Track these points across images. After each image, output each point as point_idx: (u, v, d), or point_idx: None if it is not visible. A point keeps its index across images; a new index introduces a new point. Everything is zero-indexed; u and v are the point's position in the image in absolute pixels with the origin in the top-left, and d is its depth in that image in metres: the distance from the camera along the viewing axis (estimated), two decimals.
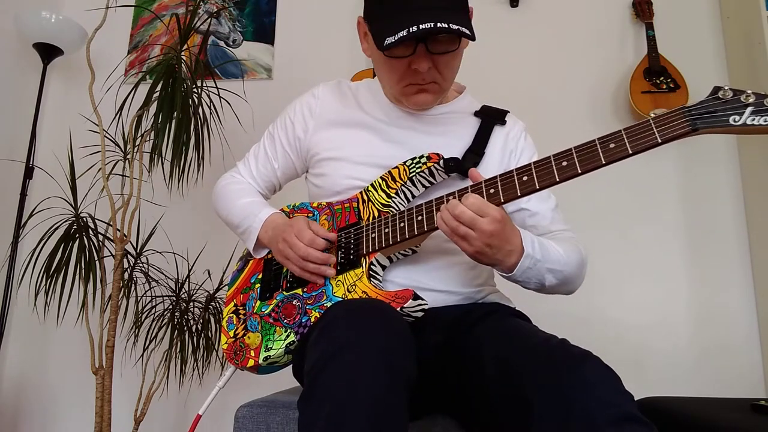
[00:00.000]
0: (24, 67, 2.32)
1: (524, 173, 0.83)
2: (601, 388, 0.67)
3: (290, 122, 1.13)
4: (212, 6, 2.44)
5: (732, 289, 1.88)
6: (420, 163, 0.97)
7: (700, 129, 0.75)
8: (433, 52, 0.93)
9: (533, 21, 2.20)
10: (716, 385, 1.81)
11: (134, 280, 1.86)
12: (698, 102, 0.76)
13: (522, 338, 0.81)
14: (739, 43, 1.96)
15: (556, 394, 0.67)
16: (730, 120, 0.73)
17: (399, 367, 0.69)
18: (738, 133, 0.75)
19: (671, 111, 0.77)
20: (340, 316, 0.74)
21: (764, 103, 0.72)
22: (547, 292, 0.96)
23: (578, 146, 0.81)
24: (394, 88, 1.01)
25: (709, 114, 0.75)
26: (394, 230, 0.92)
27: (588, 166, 0.79)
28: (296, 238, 0.95)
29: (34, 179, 2.10)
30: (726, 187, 1.95)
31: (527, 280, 0.89)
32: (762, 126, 0.72)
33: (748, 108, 0.73)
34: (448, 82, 1.01)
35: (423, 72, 0.94)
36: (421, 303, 0.85)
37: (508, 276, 0.89)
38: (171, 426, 2.09)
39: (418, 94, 1.00)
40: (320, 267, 0.95)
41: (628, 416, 0.64)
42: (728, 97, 0.74)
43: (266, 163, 1.16)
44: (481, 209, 0.81)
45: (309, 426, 0.66)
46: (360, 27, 1.04)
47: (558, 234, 1.01)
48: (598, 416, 0.64)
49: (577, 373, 0.68)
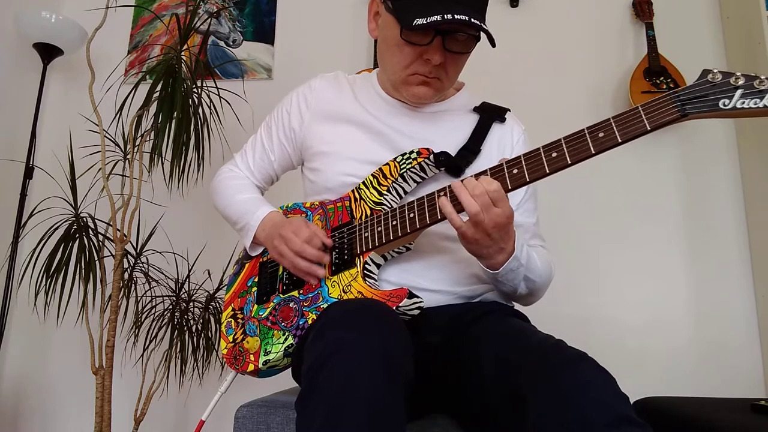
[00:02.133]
0: (24, 67, 2.32)
1: (514, 166, 0.84)
2: (596, 389, 0.66)
3: (286, 113, 1.13)
4: (212, 6, 2.44)
5: (732, 289, 1.88)
6: (410, 158, 0.96)
7: (689, 114, 0.73)
8: (448, 48, 0.93)
9: (533, 21, 2.20)
10: (716, 385, 1.81)
11: (134, 280, 1.86)
12: (687, 86, 0.74)
13: (519, 338, 0.81)
14: (739, 43, 1.96)
15: (552, 394, 0.67)
16: (719, 104, 0.71)
17: (396, 366, 0.69)
18: (728, 116, 0.73)
19: (660, 97, 0.75)
20: (336, 317, 0.74)
21: (754, 84, 0.70)
22: (512, 299, 1.00)
23: (567, 136, 0.80)
24: (398, 74, 1.00)
25: (698, 98, 0.73)
26: (386, 228, 0.92)
27: (578, 156, 0.79)
28: (293, 234, 0.95)
29: (34, 179, 2.10)
30: (726, 186, 1.95)
31: (505, 282, 0.91)
32: (752, 109, 0.70)
33: (738, 90, 0.71)
34: (450, 81, 1.01)
35: (433, 64, 0.94)
36: (417, 301, 0.85)
37: (492, 273, 0.90)
38: (171, 426, 2.09)
39: (420, 85, 0.99)
40: (312, 266, 0.94)
41: (624, 418, 0.64)
42: (717, 80, 0.72)
43: (263, 155, 1.16)
44: (500, 198, 0.81)
45: (306, 426, 0.66)
46: (372, 5, 1.03)
47: (535, 248, 1.02)
48: (593, 418, 0.64)
49: (573, 374, 0.68)
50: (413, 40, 0.93)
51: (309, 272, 0.95)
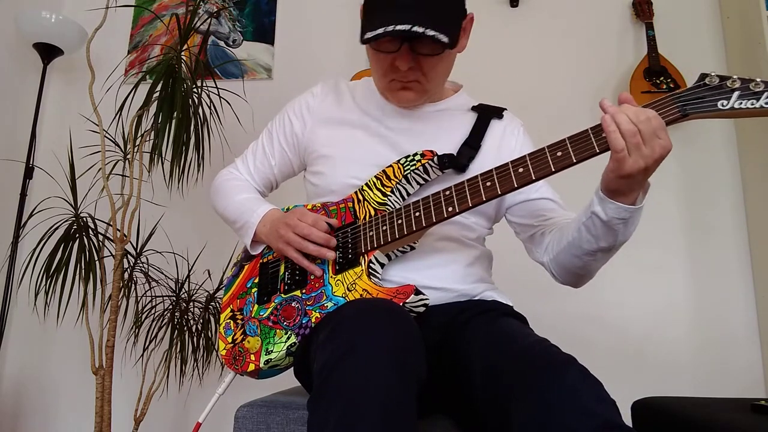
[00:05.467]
0: (24, 67, 2.32)
1: (519, 165, 0.84)
2: (582, 396, 0.66)
3: (288, 120, 1.13)
4: (212, 6, 2.44)
5: (732, 289, 1.88)
6: (414, 160, 0.97)
7: (690, 114, 0.76)
8: (418, 52, 0.93)
9: (533, 21, 2.20)
10: (716, 384, 1.81)
11: (134, 280, 1.86)
12: (686, 88, 0.78)
13: (509, 342, 0.81)
14: (739, 43, 1.96)
15: (536, 403, 0.67)
16: (718, 104, 0.75)
17: (409, 366, 0.69)
18: (727, 116, 0.77)
19: (662, 98, 0.78)
20: (349, 316, 0.74)
21: (750, 87, 0.74)
22: (603, 253, 0.90)
23: (571, 136, 0.81)
24: (379, 82, 1.02)
25: (697, 99, 0.76)
26: (392, 227, 0.92)
27: (583, 154, 0.80)
28: (298, 220, 0.96)
29: (34, 179, 2.10)
30: (726, 186, 1.95)
31: (632, 222, 0.83)
32: (749, 109, 0.74)
33: (735, 92, 0.75)
34: (432, 83, 1.01)
35: (403, 70, 0.94)
36: (423, 298, 0.86)
37: (633, 209, 0.81)
38: (171, 426, 2.09)
39: (401, 91, 1.00)
40: (321, 249, 0.94)
41: (610, 425, 0.64)
42: (715, 83, 0.76)
43: (264, 160, 1.17)
44: (662, 129, 0.76)
45: (320, 426, 0.65)
46: (361, 15, 1.05)
47: None
48: (578, 426, 0.63)
49: (558, 382, 0.68)
50: (381, 49, 0.94)
51: (319, 254, 0.94)
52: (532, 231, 1.05)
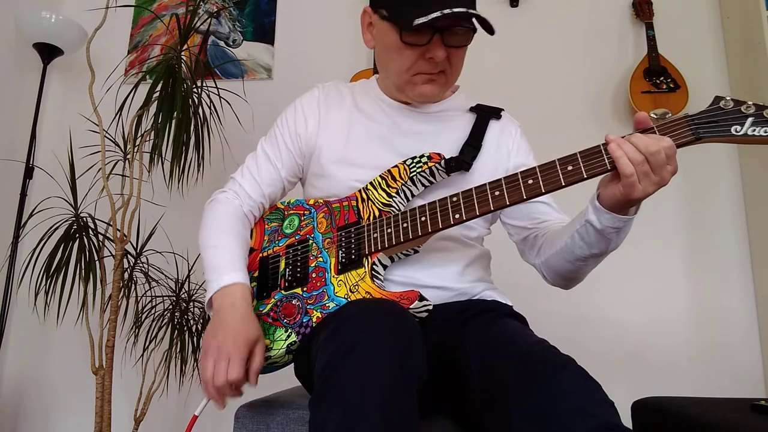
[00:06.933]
0: (24, 67, 2.32)
1: (529, 176, 0.83)
2: (579, 397, 0.66)
3: (289, 121, 1.12)
4: (212, 6, 2.44)
5: (732, 289, 1.88)
6: (421, 162, 0.97)
7: (703, 138, 0.76)
8: (448, 44, 0.94)
9: (533, 21, 2.20)
10: (716, 385, 1.81)
11: (134, 280, 1.86)
12: (700, 111, 0.77)
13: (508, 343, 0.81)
14: (739, 43, 1.96)
15: (534, 406, 0.67)
16: (732, 130, 0.75)
17: (411, 367, 0.69)
18: (740, 142, 0.77)
19: (674, 119, 0.78)
20: (352, 316, 0.74)
21: (764, 114, 0.73)
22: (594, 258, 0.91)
23: (583, 151, 0.81)
24: (402, 77, 1.00)
25: (711, 123, 0.76)
26: (396, 231, 0.91)
27: (593, 171, 0.79)
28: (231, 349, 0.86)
29: (34, 179, 2.10)
30: (726, 187, 1.95)
31: (624, 231, 0.86)
32: (763, 137, 0.73)
33: (749, 119, 0.74)
34: (455, 75, 1.01)
35: (438, 61, 0.94)
36: (426, 304, 0.85)
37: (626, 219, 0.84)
38: (171, 426, 2.09)
39: (425, 84, 0.99)
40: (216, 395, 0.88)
41: (608, 426, 0.64)
42: (729, 108, 0.75)
43: (268, 166, 1.11)
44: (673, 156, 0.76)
45: (321, 426, 0.65)
46: (365, 17, 1.04)
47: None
48: (576, 427, 0.63)
49: (555, 384, 0.68)
50: (413, 41, 0.93)
51: (213, 397, 0.88)
52: (526, 233, 1.06)
